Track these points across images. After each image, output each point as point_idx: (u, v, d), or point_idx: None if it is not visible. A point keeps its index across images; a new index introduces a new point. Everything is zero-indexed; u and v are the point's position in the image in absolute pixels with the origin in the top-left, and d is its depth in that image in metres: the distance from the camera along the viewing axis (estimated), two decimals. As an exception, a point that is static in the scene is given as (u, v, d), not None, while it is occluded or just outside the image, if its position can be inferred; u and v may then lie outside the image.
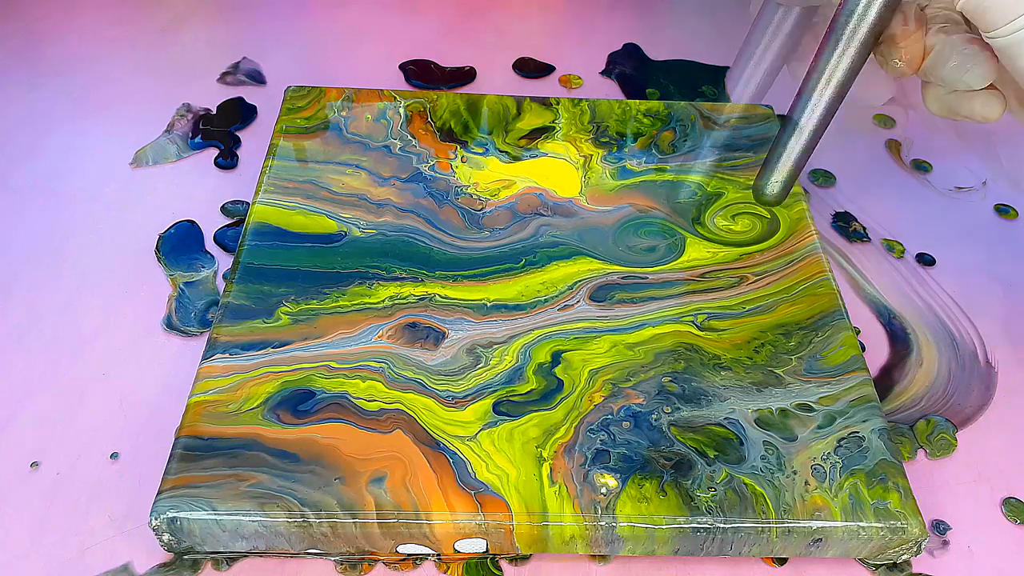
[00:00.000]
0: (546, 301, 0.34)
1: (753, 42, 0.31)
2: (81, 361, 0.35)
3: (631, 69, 0.50)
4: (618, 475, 0.29)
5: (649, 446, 0.30)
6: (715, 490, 0.29)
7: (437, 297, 0.34)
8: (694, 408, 0.31)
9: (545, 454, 0.30)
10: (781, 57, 0.31)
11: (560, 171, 0.40)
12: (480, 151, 0.41)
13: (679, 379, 0.32)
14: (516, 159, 0.40)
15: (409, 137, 0.41)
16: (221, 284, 0.38)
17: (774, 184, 0.34)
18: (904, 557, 0.30)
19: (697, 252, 0.37)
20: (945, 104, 0.31)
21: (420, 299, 0.34)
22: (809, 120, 0.32)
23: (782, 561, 0.30)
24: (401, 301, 0.34)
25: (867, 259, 0.40)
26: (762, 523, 0.28)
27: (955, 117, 0.31)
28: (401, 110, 0.42)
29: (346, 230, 0.37)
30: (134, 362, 0.35)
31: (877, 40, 0.31)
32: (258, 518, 0.28)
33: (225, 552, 0.29)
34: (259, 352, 0.32)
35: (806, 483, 0.29)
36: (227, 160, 0.43)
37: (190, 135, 0.45)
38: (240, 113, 0.46)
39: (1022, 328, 0.38)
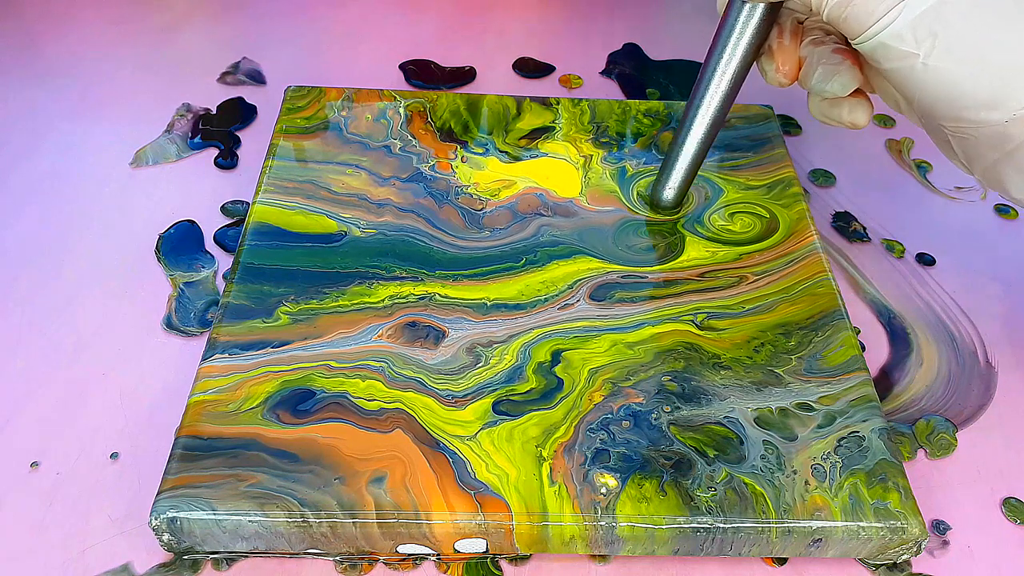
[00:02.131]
0: (546, 300, 0.34)
1: (721, 41, 0.33)
2: (81, 361, 0.35)
3: (631, 69, 0.50)
4: (618, 475, 0.29)
5: (649, 445, 0.30)
6: (715, 490, 0.29)
7: (437, 296, 0.34)
8: (694, 407, 0.31)
9: (545, 453, 0.30)
10: (751, 54, 0.32)
11: (560, 171, 0.40)
12: (480, 151, 0.41)
13: (679, 378, 0.32)
14: (516, 159, 0.40)
15: (409, 137, 0.41)
16: (221, 284, 0.38)
17: (669, 191, 0.37)
18: (904, 557, 0.30)
19: (696, 252, 0.37)
20: (820, 110, 0.33)
21: (420, 298, 0.34)
22: (699, 129, 0.35)
23: (782, 561, 0.30)
24: (401, 301, 0.34)
25: (867, 259, 0.40)
26: (762, 523, 0.28)
27: (830, 122, 0.33)
28: (401, 110, 0.42)
29: (346, 230, 0.37)
30: (134, 362, 0.35)
31: (758, 52, 0.33)
32: (258, 518, 0.28)
33: (225, 552, 0.29)
34: (259, 352, 0.32)
35: (806, 483, 0.29)
36: (227, 160, 0.43)
37: (190, 135, 0.45)
38: (240, 113, 0.46)
39: (1022, 328, 0.38)
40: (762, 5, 0.31)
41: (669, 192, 0.37)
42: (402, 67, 0.50)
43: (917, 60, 0.27)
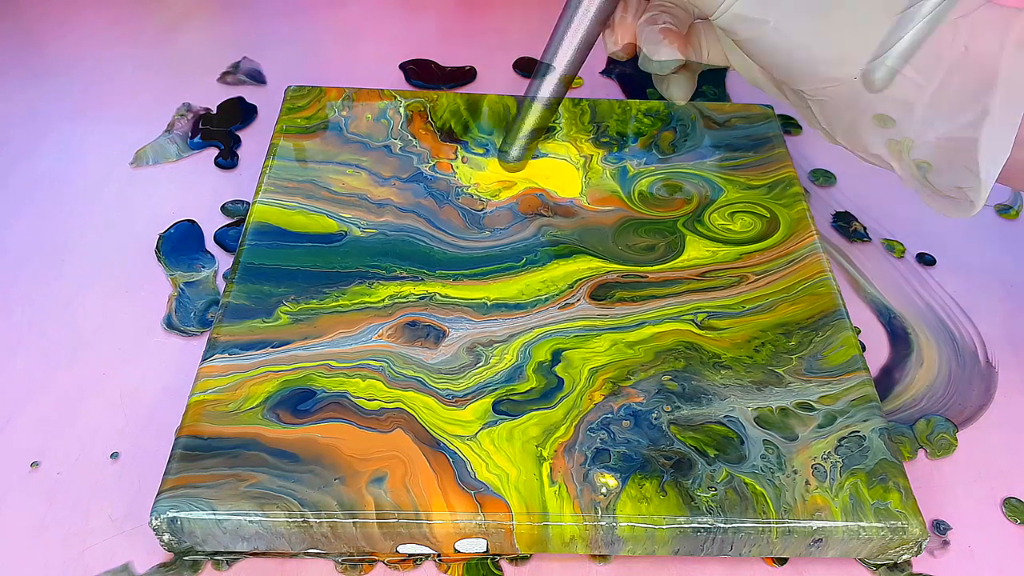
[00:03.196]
0: (546, 300, 0.34)
1: (570, 8, 0.34)
2: (81, 361, 0.35)
3: (631, 69, 0.50)
4: (618, 474, 0.29)
5: (649, 445, 0.30)
6: (715, 489, 0.29)
7: (437, 296, 0.34)
8: (694, 407, 0.31)
9: (545, 453, 0.29)
10: (597, 25, 0.34)
11: (561, 171, 0.40)
12: (481, 151, 0.41)
13: (679, 378, 0.32)
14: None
15: (409, 137, 0.41)
16: (221, 284, 0.38)
17: (516, 148, 0.37)
18: (904, 557, 0.30)
19: (697, 251, 0.37)
20: (655, 83, 0.35)
21: (420, 298, 0.34)
22: (543, 94, 0.36)
23: (782, 561, 0.30)
24: (401, 300, 0.34)
25: (867, 259, 0.40)
26: (762, 523, 0.28)
27: (661, 93, 0.35)
28: (401, 110, 0.42)
29: (346, 230, 0.36)
30: (134, 362, 0.35)
31: (603, 25, 0.34)
32: (258, 518, 0.28)
33: (225, 552, 0.29)
34: (259, 352, 0.32)
35: (806, 483, 0.29)
36: (227, 160, 0.43)
37: (190, 135, 0.45)
38: (240, 113, 0.46)
39: (1022, 328, 0.38)
40: None
41: (516, 150, 0.37)
42: (402, 67, 0.50)
43: (768, 26, 0.28)
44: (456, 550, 0.29)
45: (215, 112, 0.46)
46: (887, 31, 0.27)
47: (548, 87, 0.36)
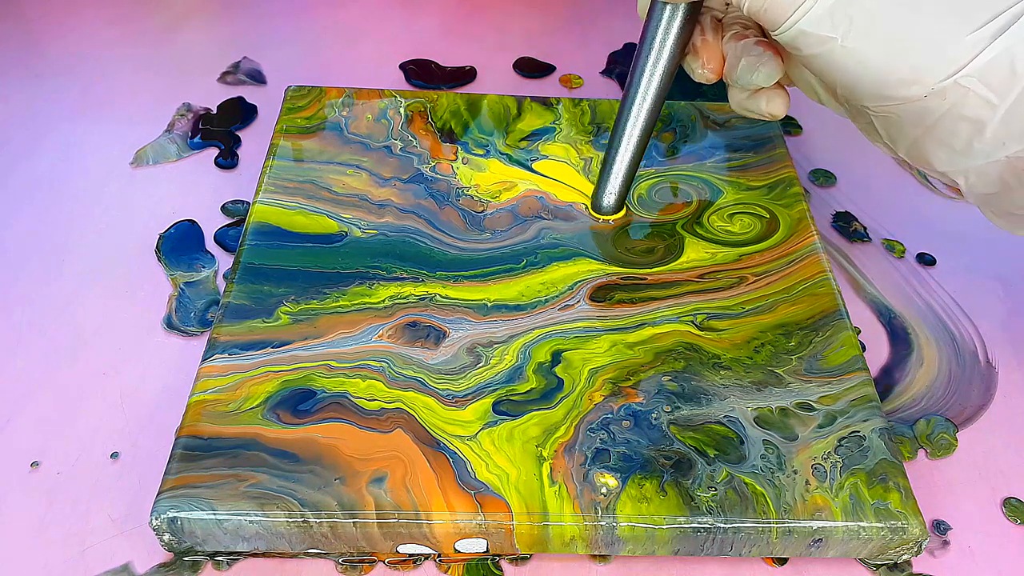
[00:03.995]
0: (546, 301, 0.34)
1: (647, 44, 0.33)
2: (81, 361, 0.35)
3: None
4: (618, 474, 0.29)
5: (649, 445, 0.30)
6: (715, 490, 0.29)
7: (438, 297, 0.34)
8: (694, 407, 0.31)
9: (545, 453, 0.30)
10: (677, 55, 0.33)
11: (561, 174, 0.40)
12: (481, 152, 0.41)
13: (679, 378, 0.32)
14: (517, 162, 0.40)
15: (410, 137, 0.41)
16: (221, 284, 0.38)
17: (609, 196, 0.37)
18: (905, 557, 0.30)
19: (696, 253, 0.37)
20: (739, 103, 0.34)
21: (420, 299, 0.34)
22: (632, 136, 0.35)
23: (782, 561, 0.30)
24: (401, 301, 0.34)
25: (867, 259, 0.40)
26: (762, 523, 0.28)
27: (750, 114, 0.34)
28: (402, 110, 0.42)
29: (347, 230, 0.36)
30: (134, 362, 0.35)
31: (684, 52, 0.33)
32: (258, 518, 0.28)
33: (225, 552, 0.29)
34: (259, 352, 0.32)
35: (807, 483, 0.29)
36: (227, 160, 0.43)
37: (190, 135, 0.45)
38: (240, 113, 0.46)
39: (1022, 328, 0.38)
40: (683, 5, 0.32)
41: (609, 198, 0.37)
42: (402, 67, 0.50)
43: (836, 44, 0.28)
44: (456, 550, 0.29)
45: (215, 112, 0.46)
46: (961, 50, 0.27)
47: (635, 128, 0.35)
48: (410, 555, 0.29)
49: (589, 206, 0.38)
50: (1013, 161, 0.28)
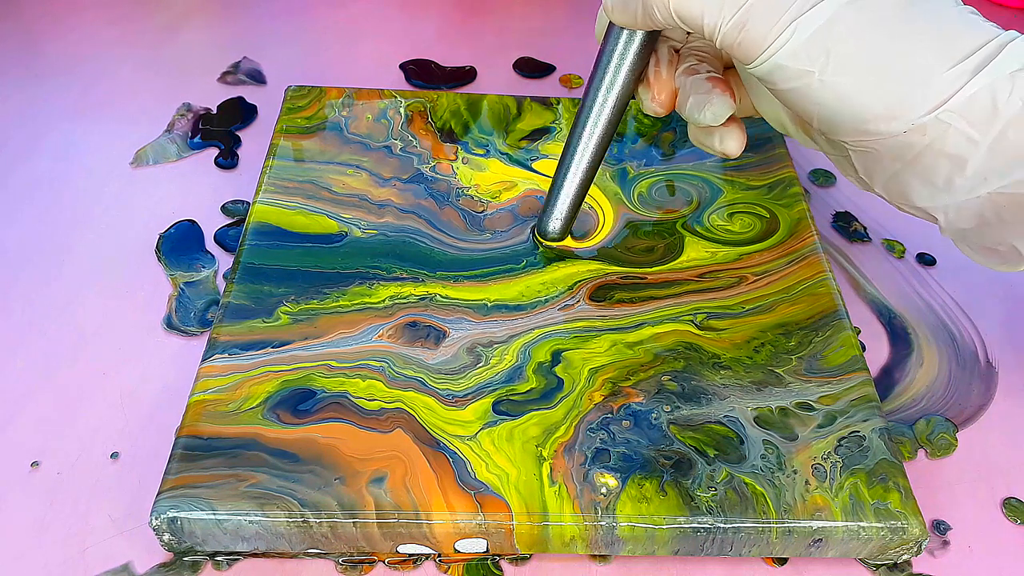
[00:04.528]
0: (546, 301, 0.34)
1: (601, 68, 0.32)
2: (81, 361, 0.35)
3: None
4: (618, 474, 0.29)
5: (649, 445, 0.30)
6: (715, 489, 0.29)
7: (438, 297, 0.34)
8: (694, 407, 0.31)
9: (545, 453, 0.30)
10: (631, 83, 0.32)
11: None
12: (481, 152, 0.41)
13: (679, 378, 0.32)
14: (517, 162, 0.40)
15: (410, 137, 0.41)
16: (221, 284, 0.38)
17: (555, 221, 0.36)
18: (904, 557, 0.30)
19: (696, 252, 0.37)
20: (696, 137, 0.33)
21: (421, 299, 0.34)
22: (580, 162, 0.34)
23: (782, 561, 0.30)
24: (401, 301, 0.34)
25: (867, 259, 0.40)
26: (762, 523, 0.28)
27: (706, 149, 0.32)
28: (401, 110, 0.42)
29: (347, 230, 0.37)
30: (134, 362, 0.35)
31: (638, 80, 0.32)
32: (258, 518, 0.28)
33: (225, 552, 0.29)
34: (259, 352, 0.32)
35: (806, 483, 0.29)
36: (227, 160, 0.43)
37: (190, 135, 0.45)
38: (240, 113, 0.46)
39: (1022, 328, 0.38)
40: (641, 33, 0.31)
41: (555, 223, 0.36)
42: (402, 67, 0.50)
43: (813, 78, 0.27)
44: (456, 550, 0.29)
45: (215, 112, 0.46)
46: (943, 84, 0.26)
47: (585, 153, 0.34)
48: (410, 555, 0.29)
49: (534, 230, 0.37)
50: (993, 197, 0.27)
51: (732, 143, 0.32)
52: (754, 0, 0.26)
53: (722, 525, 0.28)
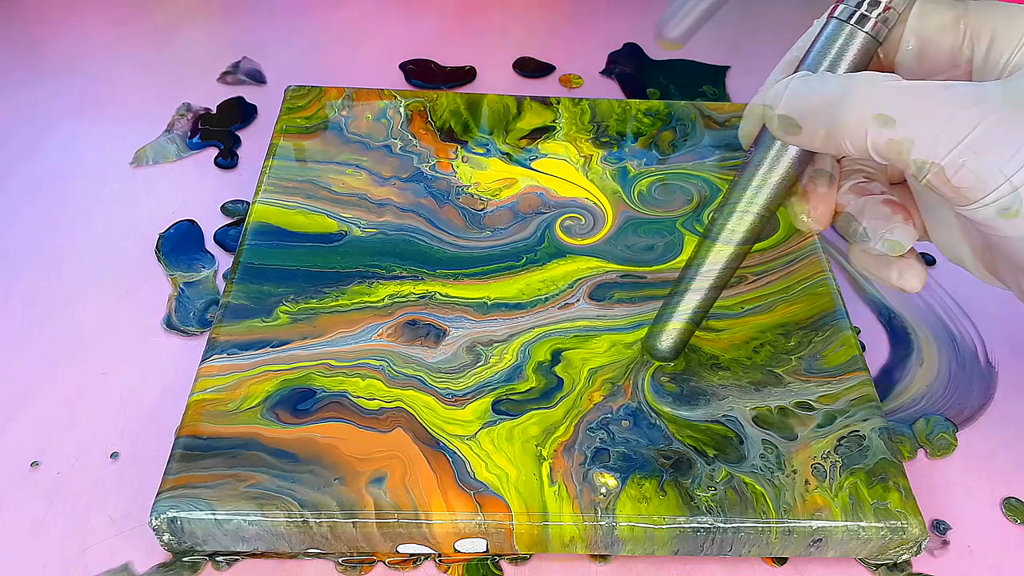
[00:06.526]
0: (546, 300, 0.34)
1: (745, 177, 0.28)
2: (81, 361, 0.35)
3: (631, 69, 0.50)
4: (617, 474, 0.29)
5: (648, 445, 0.30)
6: (715, 489, 0.29)
7: (437, 295, 0.34)
8: (693, 407, 0.31)
9: (545, 453, 0.29)
10: (780, 195, 0.28)
11: (561, 171, 0.40)
12: (481, 151, 0.41)
13: (678, 378, 0.32)
14: (517, 161, 0.40)
15: (409, 137, 0.41)
16: (221, 284, 0.38)
17: (665, 340, 0.31)
18: (904, 557, 0.30)
19: (697, 252, 0.37)
20: (864, 265, 0.29)
21: (420, 297, 0.34)
22: (705, 280, 0.30)
23: (782, 561, 0.30)
24: (401, 300, 0.34)
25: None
26: (762, 523, 0.28)
27: (876, 280, 0.29)
28: (401, 109, 0.42)
29: (346, 230, 0.36)
30: (134, 362, 0.35)
31: (789, 191, 0.28)
32: (257, 519, 0.28)
33: (225, 552, 0.29)
34: (259, 351, 0.32)
35: (806, 482, 0.29)
36: (227, 160, 0.43)
37: (190, 134, 0.45)
38: (240, 113, 0.46)
39: (1022, 328, 0.38)
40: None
41: (665, 342, 0.31)
42: (402, 67, 0.50)
43: None
44: (456, 550, 0.29)
45: (215, 112, 0.46)
46: None
47: (710, 274, 0.29)
48: (410, 555, 0.29)
49: (642, 345, 0.32)
50: None
51: (914, 280, 0.27)
52: (983, 129, 0.22)
53: (722, 525, 0.28)
